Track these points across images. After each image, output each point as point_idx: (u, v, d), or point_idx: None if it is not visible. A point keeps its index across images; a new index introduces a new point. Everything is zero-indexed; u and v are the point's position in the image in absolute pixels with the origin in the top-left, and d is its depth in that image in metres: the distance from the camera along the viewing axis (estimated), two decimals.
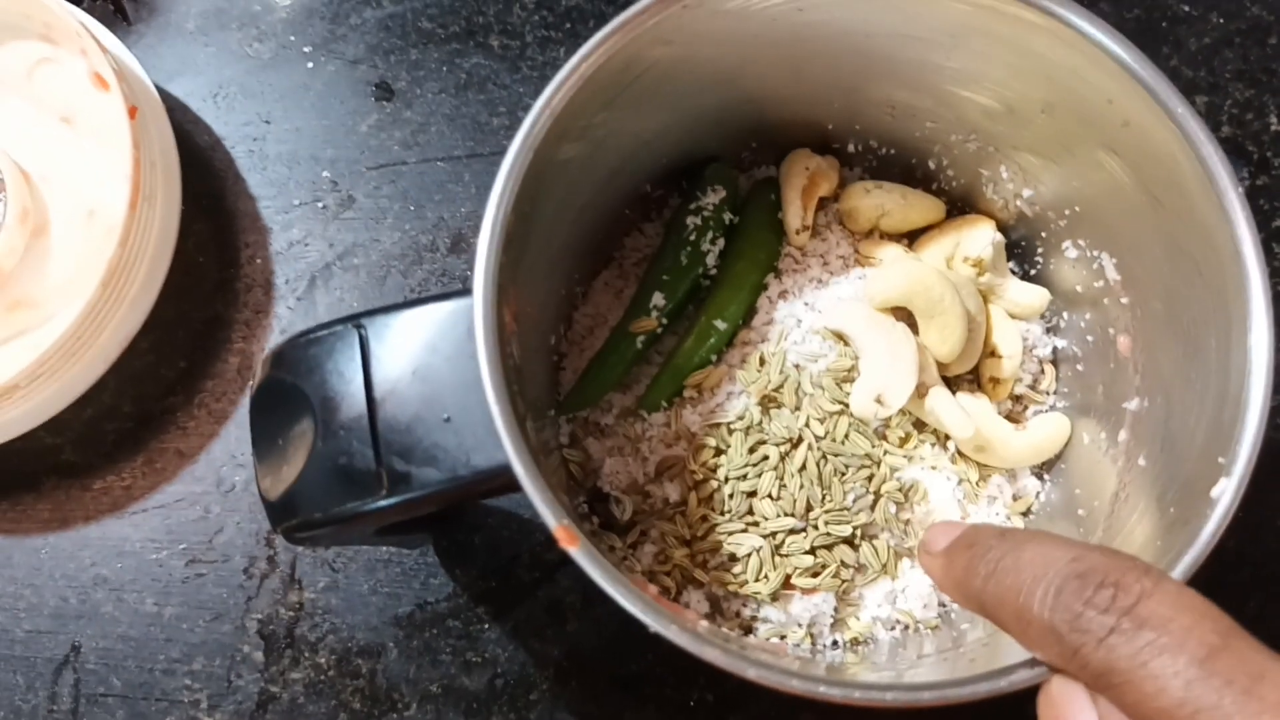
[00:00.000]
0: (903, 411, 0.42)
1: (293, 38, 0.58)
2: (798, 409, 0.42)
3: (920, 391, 0.41)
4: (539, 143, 0.34)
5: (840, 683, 0.30)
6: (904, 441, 0.42)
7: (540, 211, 0.37)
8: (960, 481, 0.43)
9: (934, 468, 0.43)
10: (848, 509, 0.41)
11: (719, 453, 0.42)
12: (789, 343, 0.43)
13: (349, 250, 0.55)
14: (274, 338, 0.54)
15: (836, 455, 0.41)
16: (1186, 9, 0.57)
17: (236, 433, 0.53)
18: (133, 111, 0.49)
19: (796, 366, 0.42)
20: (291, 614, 0.51)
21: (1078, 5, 0.35)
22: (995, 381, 0.44)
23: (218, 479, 0.53)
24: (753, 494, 0.41)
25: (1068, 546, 0.26)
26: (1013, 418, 0.45)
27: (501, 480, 0.32)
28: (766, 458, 0.41)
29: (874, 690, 0.31)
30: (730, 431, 0.42)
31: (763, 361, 0.43)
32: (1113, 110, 0.36)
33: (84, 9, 0.57)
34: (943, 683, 0.30)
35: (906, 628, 0.42)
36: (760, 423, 0.42)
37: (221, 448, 0.53)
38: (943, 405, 0.41)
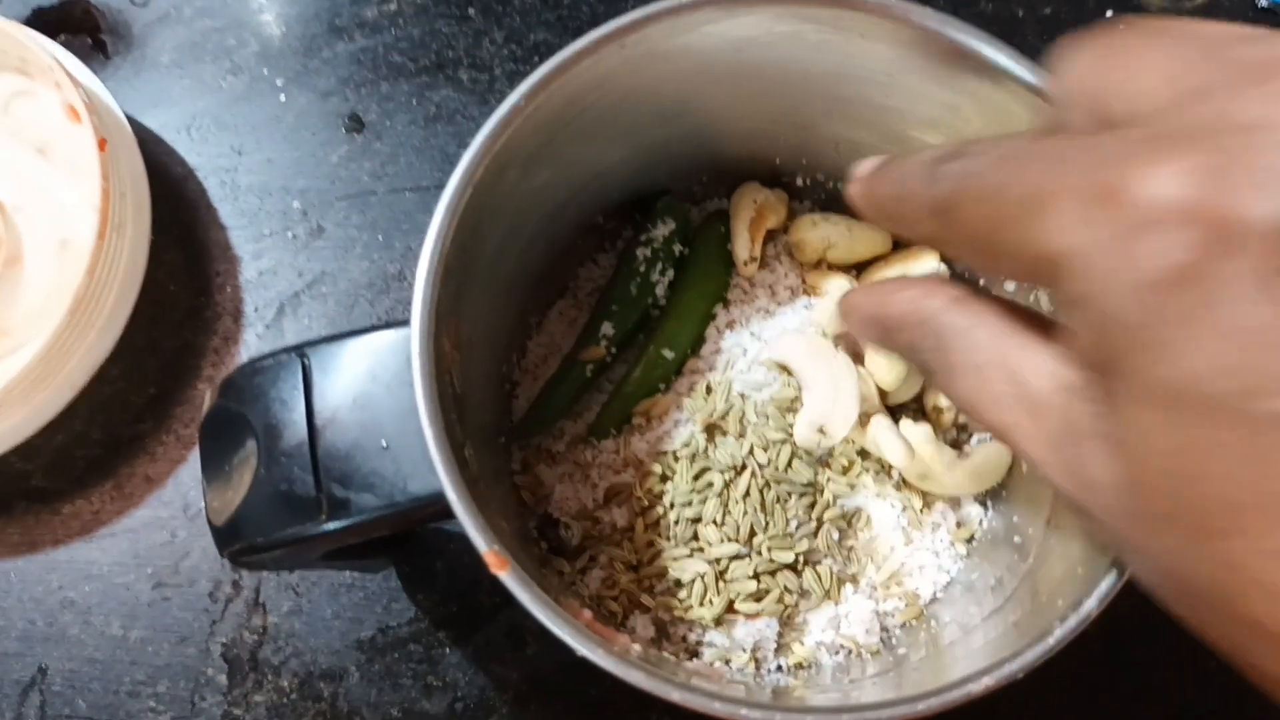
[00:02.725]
0: (847, 440, 0.43)
1: (265, 71, 0.59)
2: (742, 437, 0.43)
3: (862, 421, 0.42)
4: (479, 177, 0.35)
5: (762, 705, 0.31)
6: (847, 469, 0.43)
7: (484, 243, 0.38)
8: (904, 509, 0.44)
9: (878, 495, 0.43)
10: (790, 535, 0.42)
11: (665, 479, 0.43)
12: (735, 372, 0.44)
13: (318, 279, 0.56)
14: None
15: (779, 483, 0.42)
16: None
17: None
18: (102, 144, 0.50)
19: (742, 395, 0.43)
20: (255, 637, 0.51)
21: (1000, 41, 0.36)
22: (939, 410, 0.45)
23: (185, 504, 0.53)
24: (697, 520, 0.42)
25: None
26: (956, 445, 0.46)
27: (438, 506, 0.33)
28: (711, 484, 0.42)
29: (809, 714, 0.31)
30: (676, 459, 0.43)
31: (709, 390, 0.44)
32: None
33: (62, 43, 0.58)
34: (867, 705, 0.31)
35: (849, 652, 0.43)
36: (705, 450, 0.43)
37: (189, 473, 0.54)
38: (882, 434, 0.42)
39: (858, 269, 0.48)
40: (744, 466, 0.42)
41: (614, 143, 0.43)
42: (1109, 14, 0.59)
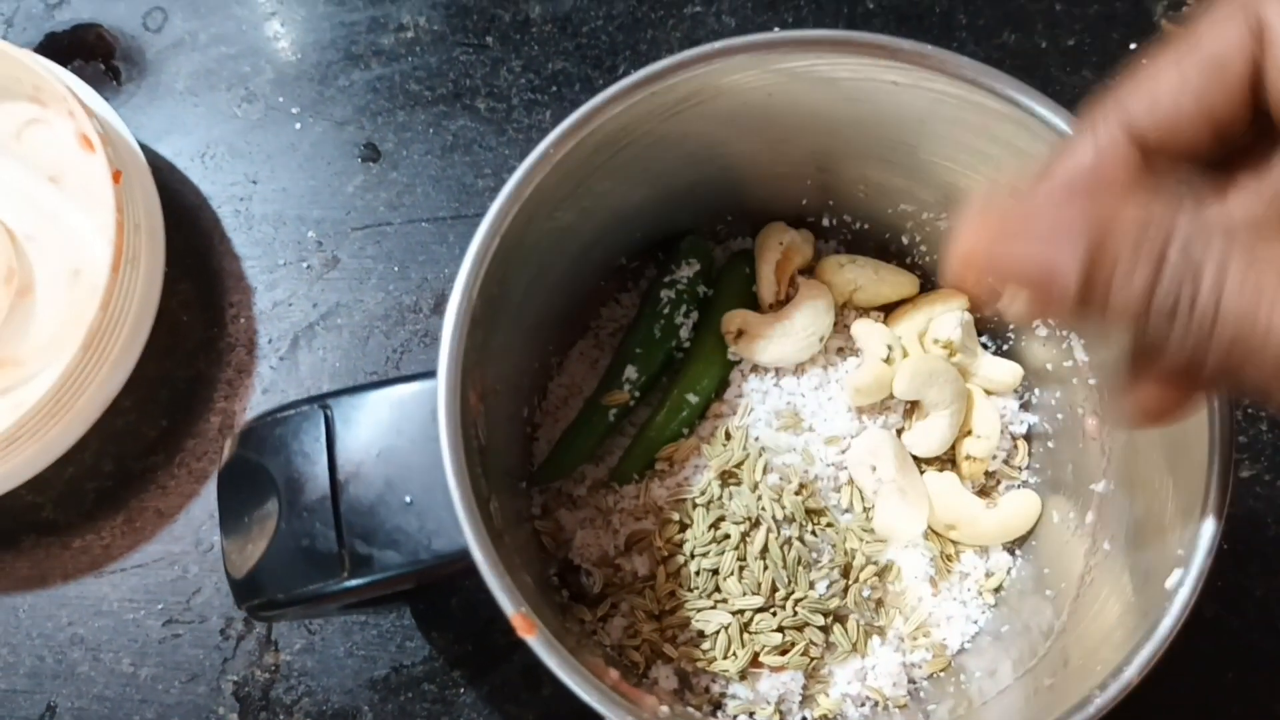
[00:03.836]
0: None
1: (281, 99, 0.59)
2: (756, 488, 0.42)
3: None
4: (506, 226, 0.35)
5: None
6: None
7: (510, 291, 0.37)
8: (932, 558, 0.43)
9: (907, 545, 0.43)
10: (821, 598, 0.41)
11: (684, 528, 0.42)
12: (752, 418, 0.43)
13: (333, 310, 0.55)
14: (256, 397, 0.54)
15: (802, 542, 0.41)
16: None
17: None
18: (117, 175, 0.49)
19: (762, 447, 0.43)
20: (267, 676, 0.51)
21: (1040, 94, 0.35)
22: (970, 459, 0.44)
23: (196, 539, 0.53)
24: (717, 571, 0.41)
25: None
26: (984, 493, 0.45)
27: (463, 564, 0.33)
28: (728, 536, 0.41)
29: None
30: (694, 506, 0.42)
31: (728, 436, 0.43)
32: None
33: (74, 68, 0.57)
34: None
35: (876, 704, 0.42)
36: (720, 498, 0.42)
37: (201, 507, 0.53)
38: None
39: (884, 311, 0.47)
40: (758, 521, 0.41)
41: (640, 185, 0.42)
42: (1133, 47, 0.58)
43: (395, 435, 0.35)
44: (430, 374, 0.34)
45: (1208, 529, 0.32)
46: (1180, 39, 0.27)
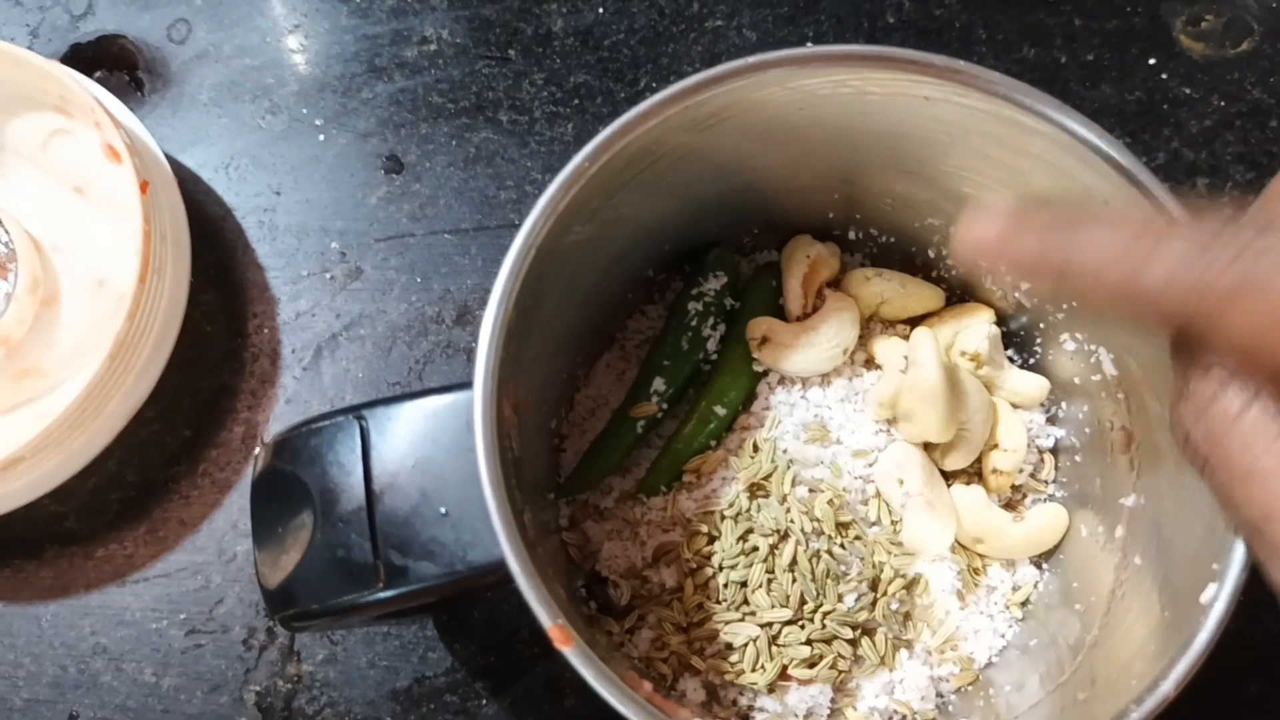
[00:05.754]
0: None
1: (305, 110, 0.59)
2: (784, 500, 0.42)
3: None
4: (540, 240, 0.35)
5: None
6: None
7: (542, 303, 0.37)
8: (959, 571, 0.43)
9: (934, 558, 0.43)
10: (849, 610, 0.41)
11: (712, 540, 0.42)
12: (780, 430, 0.43)
13: (356, 321, 0.56)
14: (279, 407, 0.55)
15: (831, 555, 0.41)
16: (1187, 91, 0.58)
17: (239, 502, 0.53)
18: (144, 186, 0.50)
19: (790, 460, 0.43)
20: (289, 686, 0.51)
21: (1074, 110, 0.35)
22: (997, 473, 0.44)
23: (219, 549, 0.53)
24: (745, 584, 0.41)
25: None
26: (1011, 506, 0.45)
27: (498, 575, 0.33)
28: (756, 548, 0.41)
29: None
30: (722, 519, 0.42)
31: (756, 448, 0.43)
32: (1109, 212, 0.36)
33: (98, 79, 0.58)
34: None
35: (904, 718, 0.42)
36: (748, 511, 0.42)
37: (224, 517, 0.53)
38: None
39: (911, 323, 0.47)
40: (787, 534, 0.41)
41: (669, 197, 0.42)
42: (1151, 62, 0.58)
43: (430, 446, 0.35)
44: (464, 385, 0.34)
45: (1241, 542, 0.32)
46: None
